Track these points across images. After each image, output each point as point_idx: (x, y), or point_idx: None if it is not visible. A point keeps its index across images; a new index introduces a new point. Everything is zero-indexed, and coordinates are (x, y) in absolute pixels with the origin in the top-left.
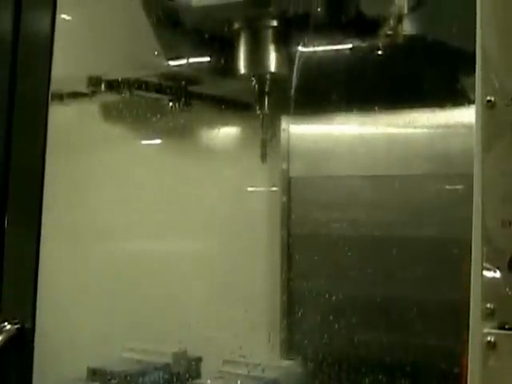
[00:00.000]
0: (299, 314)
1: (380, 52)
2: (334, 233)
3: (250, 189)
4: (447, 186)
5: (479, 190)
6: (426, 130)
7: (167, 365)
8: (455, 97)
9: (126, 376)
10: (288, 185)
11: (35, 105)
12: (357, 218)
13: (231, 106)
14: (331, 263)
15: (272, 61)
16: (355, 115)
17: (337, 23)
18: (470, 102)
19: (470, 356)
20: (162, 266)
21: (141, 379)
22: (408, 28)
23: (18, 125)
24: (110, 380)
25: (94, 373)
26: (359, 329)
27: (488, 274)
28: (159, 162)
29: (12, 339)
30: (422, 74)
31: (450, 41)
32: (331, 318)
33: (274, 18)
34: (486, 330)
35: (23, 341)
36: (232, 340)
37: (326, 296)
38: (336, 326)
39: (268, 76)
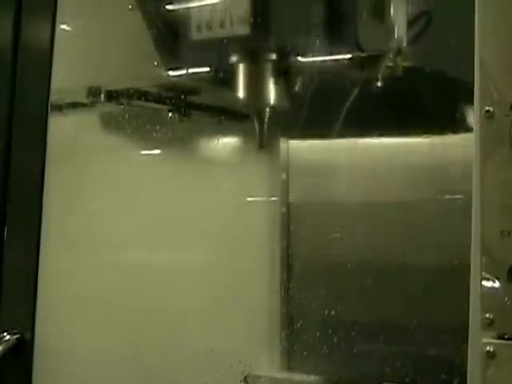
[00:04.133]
0: (299, 325)
1: (379, 84)
2: (334, 254)
3: (249, 199)
4: (447, 213)
5: (478, 199)
6: (426, 157)
7: None
8: (455, 124)
9: None
10: (287, 195)
11: (35, 115)
12: (356, 241)
13: (231, 117)
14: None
15: (271, 93)
16: (355, 141)
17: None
18: (469, 129)
19: (469, 366)
20: (161, 276)
21: None
22: (407, 60)
23: (18, 135)
24: None
25: None
26: (359, 340)
27: (487, 284)
28: (158, 173)
29: (11, 350)
30: (422, 101)
31: (449, 70)
32: (331, 329)
33: (273, 51)
34: (485, 340)
35: (23, 351)
36: (231, 352)
37: (327, 308)
38: (336, 338)
39: (267, 108)
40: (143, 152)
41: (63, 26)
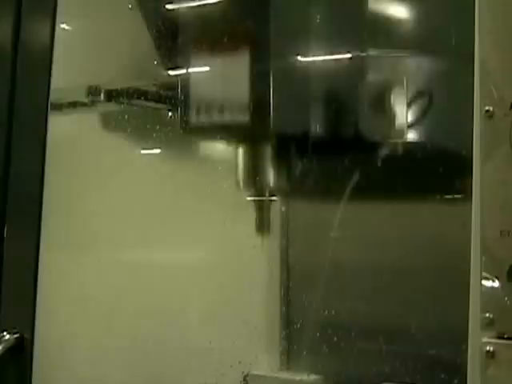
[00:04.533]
0: (298, 325)
1: (380, 164)
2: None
3: (249, 198)
4: (446, 281)
5: (478, 199)
6: (426, 225)
7: None
8: (454, 193)
9: None
10: (287, 195)
11: (35, 115)
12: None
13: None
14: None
15: (271, 178)
16: (355, 207)
17: (336, 142)
18: (469, 198)
19: (468, 366)
20: (160, 277)
21: None
22: (408, 139)
23: (18, 135)
24: None
25: None
26: (359, 340)
27: (487, 283)
28: (158, 173)
29: (11, 349)
30: (423, 172)
31: (450, 146)
32: (331, 329)
33: (273, 137)
34: (484, 340)
35: (22, 351)
36: (231, 352)
37: (326, 307)
38: (335, 337)
39: (267, 195)
40: (143, 152)
41: (63, 26)
